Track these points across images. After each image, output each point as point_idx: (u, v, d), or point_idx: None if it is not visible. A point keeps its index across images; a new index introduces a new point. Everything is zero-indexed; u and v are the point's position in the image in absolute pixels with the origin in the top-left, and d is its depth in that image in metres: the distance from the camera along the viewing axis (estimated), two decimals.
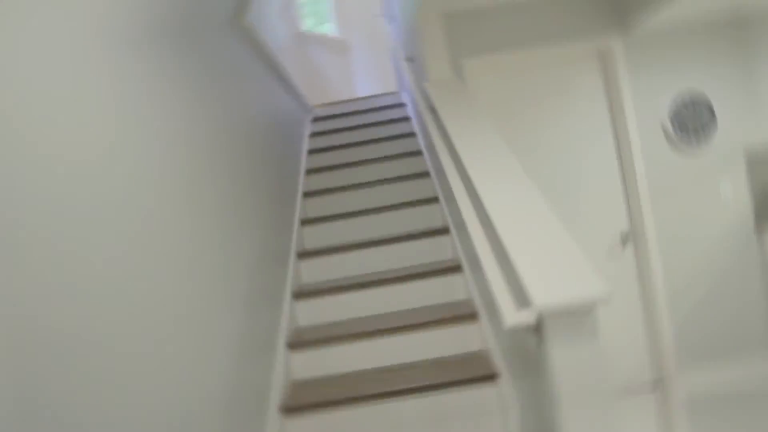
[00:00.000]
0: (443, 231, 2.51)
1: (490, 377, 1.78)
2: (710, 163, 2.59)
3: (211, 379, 1.32)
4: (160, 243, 1.15)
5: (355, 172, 3.29)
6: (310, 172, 3.29)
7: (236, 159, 1.89)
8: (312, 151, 3.57)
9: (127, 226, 1.02)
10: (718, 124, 2.58)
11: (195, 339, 1.26)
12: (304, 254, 2.54)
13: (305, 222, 2.79)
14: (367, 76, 6.20)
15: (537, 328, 1.18)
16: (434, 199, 2.76)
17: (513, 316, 1.20)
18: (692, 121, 2.55)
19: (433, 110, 2.35)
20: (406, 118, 3.85)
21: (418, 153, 3.25)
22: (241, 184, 1.90)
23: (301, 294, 2.28)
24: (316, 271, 2.55)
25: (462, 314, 2.01)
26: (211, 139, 1.66)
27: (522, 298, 1.22)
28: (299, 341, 2.04)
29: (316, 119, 4.23)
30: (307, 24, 6.14)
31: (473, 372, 1.81)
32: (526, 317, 1.18)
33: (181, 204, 1.32)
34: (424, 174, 3.00)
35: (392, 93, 4.73)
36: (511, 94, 2.67)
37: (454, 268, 2.25)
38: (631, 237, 2.65)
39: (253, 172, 2.09)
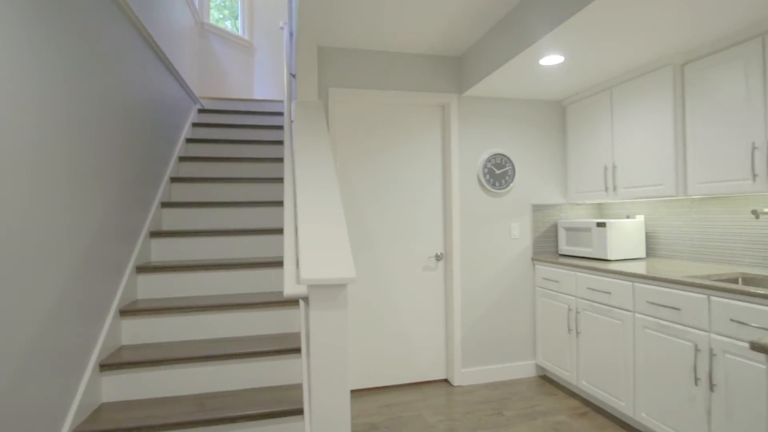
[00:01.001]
0: (280, 230, 2.94)
1: (297, 349, 2.19)
2: (507, 207, 3.35)
3: (37, 333, 1.52)
4: None
5: (227, 167, 3.56)
6: (183, 159, 3.46)
7: (92, 134, 2.07)
8: (190, 141, 3.75)
9: None
10: (516, 179, 3.36)
11: (23, 298, 1.47)
12: (156, 234, 2.74)
13: (166, 205, 2.97)
14: (268, 81, 6.45)
15: (306, 299, 1.60)
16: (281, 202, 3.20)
17: (291, 288, 1.62)
18: (498, 173, 3.29)
19: (290, 127, 2.74)
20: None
21: (281, 160, 3.66)
22: (94, 162, 2.09)
23: (145, 269, 2.49)
24: (167, 250, 2.77)
25: (286, 300, 2.40)
26: (69, 109, 1.85)
27: (300, 278, 1.64)
28: (133, 309, 2.25)
29: (204, 111, 4.38)
30: (213, 16, 6.23)
31: (287, 345, 2.20)
32: (299, 289, 1.60)
33: (27, 171, 1.53)
34: (280, 179, 3.41)
35: (283, 101, 5.07)
36: (367, 124, 3.18)
37: (280, 263, 2.65)
38: (443, 256, 3.30)
39: (109, 151, 2.27)
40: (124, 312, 2.23)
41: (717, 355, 1.97)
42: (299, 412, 1.94)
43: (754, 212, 2.17)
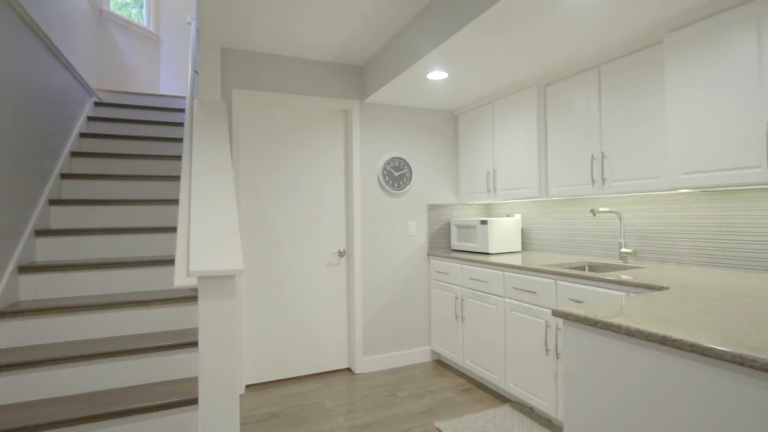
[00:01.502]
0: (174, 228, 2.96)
1: (196, 343, 2.25)
2: (405, 206, 3.65)
3: None
4: None
5: (125, 164, 3.46)
6: (76, 155, 3.31)
7: None
8: (85, 135, 3.58)
9: None
10: (413, 181, 3.67)
11: None
12: (43, 233, 2.62)
13: (54, 202, 2.84)
14: (175, 76, 6.23)
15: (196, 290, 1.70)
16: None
17: (181, 280, 1.71)
18: (397, 175, 3.58)
19: (191, 125, 2.78)
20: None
21: (179, 158, 3.63)
22: None
23: (29, 270, 2.39)
24: (55, 249, 2.66)
25: (184, 296, 2.44)
26: None
27: (189, 271, 1.74)
28: (13, 311, 2.16)
29: (102, 104, 4.17)
30: (116, 2, 5.89)
31: (185, 339, 2.25)
32: (189, 281, 1.70)
33: None
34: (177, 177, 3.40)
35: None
36: (273, 126, 3.29)
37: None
38: (346, 253, 3.51)
39: None
40: (4, 313, 2.14)
41: (561, 329, 2.38)
42: (194, 401, 2.01)
43: (592, 211, 2.64)
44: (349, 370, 3.51)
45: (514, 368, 2.73)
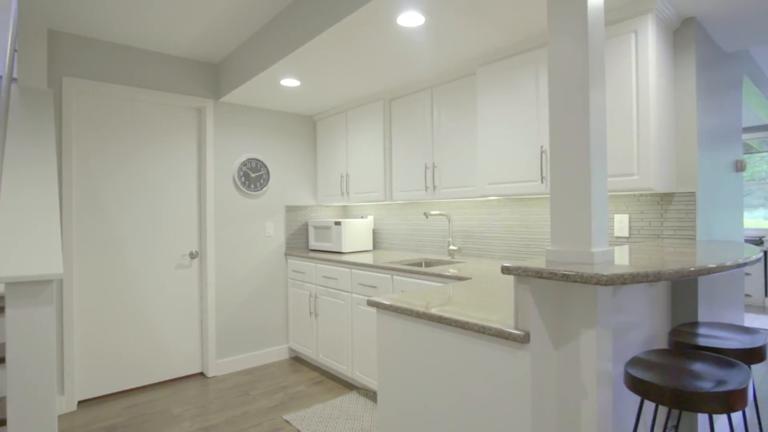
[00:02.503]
0: None
1: (2, 359, 2.01)
2: (263, 207, 3.70)
3: None
4: None
5: None
6: None
7: None
8: None
9: None
10: (271, 182, 3.74)
11: None
12: None
13: None
14: None
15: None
16: None
17: None
18: (254, 176, 3.61)
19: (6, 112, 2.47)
20: None
21: None
22: None
23: None
24: None
25: None
26: None
27: None
28: None
29: None
30: None
31: None
32: None
33: None
34: None
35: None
36: (116, 120, 3.07)
37: None
38: (198, 254, 3.43)
39: None
40: None
41: None
42: (2, 423, 1.83)
43: (425, 214, 3.03)
44: (201, 374, 3.43)
45: (360, 357, 2.98)
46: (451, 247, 3.12)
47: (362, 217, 4.00)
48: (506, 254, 2.87)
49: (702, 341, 1.63)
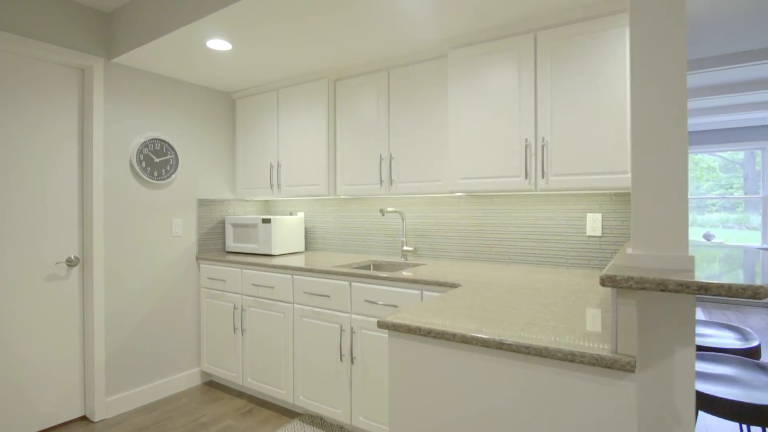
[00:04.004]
0: None
1: None
2: (169, 201, 2.98)
3: None
4: None
5: None
6: None
7: None
8: None
9: None
10: (179, 170, 3.03)
11: None
12: None
13: None
14: None
15: None
16: None
17: None
18: (158, 162, 2.88)
19: None
20: None
21: None
22: None
23: None
24: None
25: None
26: None
27: None
28: None
29: None
30: None
31: None
32: None
33: None
34: None
35: None
36: None
37: None
38: (80, 261, 2.60)
39: None
40: None
41: (356, 332, 2.31)
42: None
43: (381, 211, 2.69)
44: (85, 418, 2.61)
45: (305, 379, 2.52)
46: (405, 248, 2.82)
47: (291, 214, 3.49)
48: (467, 255, 2.67)
49: (701, 341, 1.58)
